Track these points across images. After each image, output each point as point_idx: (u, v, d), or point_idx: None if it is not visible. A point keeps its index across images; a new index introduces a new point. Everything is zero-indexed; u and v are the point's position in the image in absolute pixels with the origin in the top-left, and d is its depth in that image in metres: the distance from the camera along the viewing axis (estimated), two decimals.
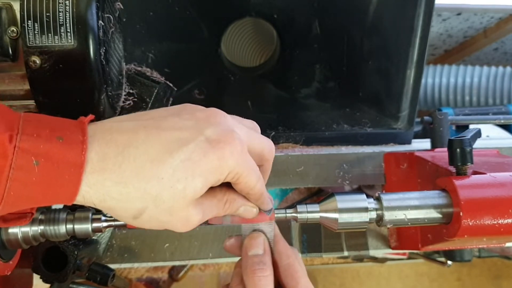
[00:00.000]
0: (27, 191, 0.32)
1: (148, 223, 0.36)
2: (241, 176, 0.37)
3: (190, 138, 0.35)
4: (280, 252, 0.45)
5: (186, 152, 0.35)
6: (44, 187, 0.33)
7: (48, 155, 0.32)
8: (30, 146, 0.32)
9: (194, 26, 0.78)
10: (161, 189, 0.34)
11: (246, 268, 0.42)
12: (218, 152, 0.35)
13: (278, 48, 0.85)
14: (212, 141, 0.35)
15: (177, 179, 0.34)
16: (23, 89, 0.51)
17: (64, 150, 0.33)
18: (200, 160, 0.35)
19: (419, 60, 0.65)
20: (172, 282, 1.13)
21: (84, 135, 0.34)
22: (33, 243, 0.43)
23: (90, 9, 0.46)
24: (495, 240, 0.44)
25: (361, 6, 0.71)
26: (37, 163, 0.32)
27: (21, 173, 0.32)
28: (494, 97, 1.21)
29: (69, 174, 0.33)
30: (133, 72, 0.60)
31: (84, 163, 0.33)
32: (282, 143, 0.70)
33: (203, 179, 0.35)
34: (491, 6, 1.16)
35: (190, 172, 0.34)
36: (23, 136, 0.32)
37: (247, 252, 0.43)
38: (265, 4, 0.80)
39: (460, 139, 0.47)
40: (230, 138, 0.36)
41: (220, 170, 0.36)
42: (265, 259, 0.43)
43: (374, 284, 1.49)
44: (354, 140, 0.71)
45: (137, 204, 0.35)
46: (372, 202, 0.43)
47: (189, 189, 0.35)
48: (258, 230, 0.45)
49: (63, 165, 0.33)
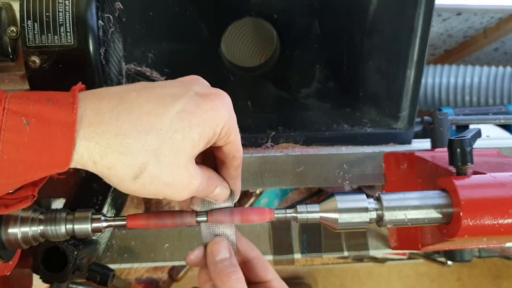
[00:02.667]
0: (21, 154, 0.32)
1: (149, 186, 0.35)
2: (232, 131, 0.38)
3: (181, 93, 0.36)
4: (244, 248, 0.45)
5: (180, 104, 0.35)
6: (37, 149, 0.32)
7: (39, 114, 0.32)
8: (19, 107, 0.32)
9: (194, 26, 0.78)
10: (161, 141, 0.34)
11: (218, 274, 0.41)
12: (211, 103, 0.36)
13: (278, 48, 0.85)
14: (202, 94, 0.37)
15: (175, 129, 0.35)
16: (23, 89, 0.51)
17: (55, 111, 0.33)
18: (195, 111, 0.35)
19: (419, 60, 0.65)
20: (172, 282, 1.13)
21: (75, 98, 0.34)
22: (32, 243, 0.42)
23: (90, 9, 0.46)
24: (495, 240, 0.44)
25: (361, 6, 0.71)
26: (27, 122, 0.32)
27: (12, 134, 0.31)
28: (494, 97, 1.21)
29: (62, 133, 0.32)
30: (133, 72, 0.60)
31: (75, 121, 0.33)
32: (282, 143, 0.70)
33: (200, 130, 0.35)
34: (491, 6, 1.16)
35: (187, 122, 0.35)
36: (12, 99, 0.32)
37: (214, 257, 0.43)
38: (265, 4, 0.80)
39: (460, 139, 0.47)
40: (218, 91, 0.38)
41: (215, 121, 0.36)
42: (233, 261, 0.43)
43: (374, 284, 1.48)
44: (354, 140, 0.71)
45: (139, 158, 0.34)
46: (372, 202, 0.43)
47: (188, 140, 0.35)
48: (219, 235, 0.44)
49: (55, 124, 0.32)
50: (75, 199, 0.57)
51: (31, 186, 0.37)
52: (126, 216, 0.42)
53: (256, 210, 0.44)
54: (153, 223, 0.42)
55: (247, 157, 0.65)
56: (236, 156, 0.41)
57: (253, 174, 0.65)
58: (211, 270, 0.43)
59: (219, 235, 0.44)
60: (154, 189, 0.36)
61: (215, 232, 0.44)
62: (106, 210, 0.58)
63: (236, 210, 0.44)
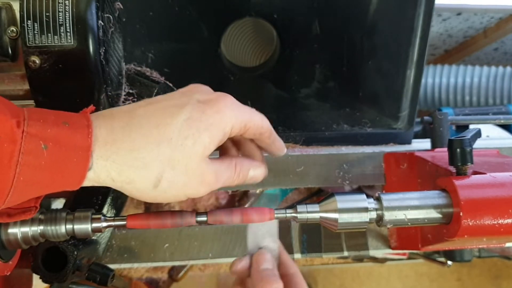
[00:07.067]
0: (36, 176, 0.33)
1: (169, 190, 0.37)
2: (247, 122, 0.40)
3: (184, 102, 0.38)
4: (285, 263, 0.48)
5: (186, 112, 0.37)
6: (53, 171, 0.33)
7: (56, 139, 0.33)
8: (37, 130, 0.33)
9: (194, 26, 0.78)
10: (173, 150, 0.36)
11: (261, 281, 0.45)
12: (214, 107, 0.38)
13: (278, 48, 0.85)
14: (204, 101, 0.38)
15: (185, 137, 0.36)
16: (23, 89, 0.51)
17: (71, 134, 0.34)
18: (201, 117, 0.37)
19: (419, 60, 0.65)
20: (172, 282, 1.13)
21: (88, 120, 0.35)
22: (32, 243, 0.42)
23: (90, 9, 0.46)
24: (495, 240, 0.44)
25: (361, 6, 0.71)
26: (45, 147, 0.32)
27: (30, 158, 0.32)
28: (494, 97, 1.21)
29: (77, 157, 0.33)
30: (133, 72, 0.60)
31: (91, 145, 0.34)
32: None
33: (209, 133, 0.37)
34: (491, 6, 1.16)
35: (195, 128, 0.36)
36: (30, 122, 0.33)
37: (259, 266, 0.46)
38: (265, 4, 0.80)
39: (460, 139, 0.47)
40: (219, 95, 0.40)
41: (222, 123, 0.38)
42: (275, 271, 0.46)
43: (374, 284, 1.49)
44: (354, 140, 0.71)
45: (155, 169, 0.35)
46: (372, 202, 0.43)
47: (199, 144, 0.36)
48: (264, 248, 0.47)
49: (71, 149, 0.33)
50: (75, 199, 0.57)
51: (34, 198, 0.38)
52: (126, 216, 0.42)
53: (256, 210, 0.44)
54: (153, 223, 0.42)
55: None
56: (262, 131, 0.43)
57: None
58: (254, 278, 0.46)
59: (264, 247, 0.47)
60: (175, 193, 0.37)
61: (260, 245, 0.47)
62: (106, 210, 0.58)
63: (236, 210, 0.44)
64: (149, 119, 0.36)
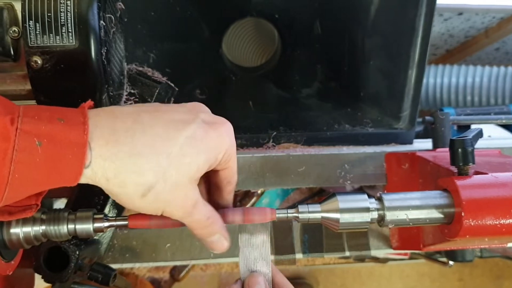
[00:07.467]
0: (32, 173, 0.33)
1: (154, 203, 0.37)
2: (232, 157, 0.41)
3: (190, 119, 0.38)
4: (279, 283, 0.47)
5: (190, 130, 0.37)
6: (48, 168, 0.33)
7: (50, 135, 0.33)
8: (31, 127, 0.32)
9: (195, 26, 0.78)
10: (170, 163, 0.36)
11: None
12: (217, 131, 0.39)
13: (279, 48, 0.85)
14: (208, 122, 0.39)
15: (184, 154, 0.36)
16: (25, 89, 0.51)
17: (66, 131, 0.33)
18: (203, 138, 0.37)
19: (421, 60, 0.65)
20: (173, 282, 1.13)
21: (85, 117, 0.35)
22: (34, 243, 0.43)
23: (92, 9, 0.46)
24: (497, 240, 0.44)
25: (363, 6, 0.71)
26: (39, 143, 0.32)
27: (25, 155, 0.32)
28: (495, 97, 1.20)
29: (73, 154, 0.33)
30: (135, 72, 0.60)
31: (86, 142, 0.34)
32: (283, 143, 0.70)
33: (205, 156, 0.38)
34: (492, 6, 1.16)
35: (195, 148, 0.37)
36: (25, 119, 0.33)
37: None
38: (267, 4, 0.80)
39: (461, 139, 0.47)
40: (222, 120, 0.40)
41: (219, 148, 0.39)
42: None
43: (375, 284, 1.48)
44: (355, 140, 0.71)
45: (149, 178, 0.35)
46: (373, 202, 0.43)
47: (194, 164, 0.37)
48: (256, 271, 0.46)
49: (66, 145, 0.33)
50: (77, 199, 0.57)
51: (34, 195, 0.38)
52: (127, 216, 0.42)
53: (257, 210, 0.44)
54: (154, 223, 0.42)
55: (248, 157, 0.65)
56: (231, 181, 0.43)
57: (255, 174, 0.65)
58: None
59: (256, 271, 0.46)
60: (156, 206, 0.37)
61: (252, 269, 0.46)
62: (108, 210, 0.58)
63: (238, 209, 0.44)
64: (153, 128, 0.36)
